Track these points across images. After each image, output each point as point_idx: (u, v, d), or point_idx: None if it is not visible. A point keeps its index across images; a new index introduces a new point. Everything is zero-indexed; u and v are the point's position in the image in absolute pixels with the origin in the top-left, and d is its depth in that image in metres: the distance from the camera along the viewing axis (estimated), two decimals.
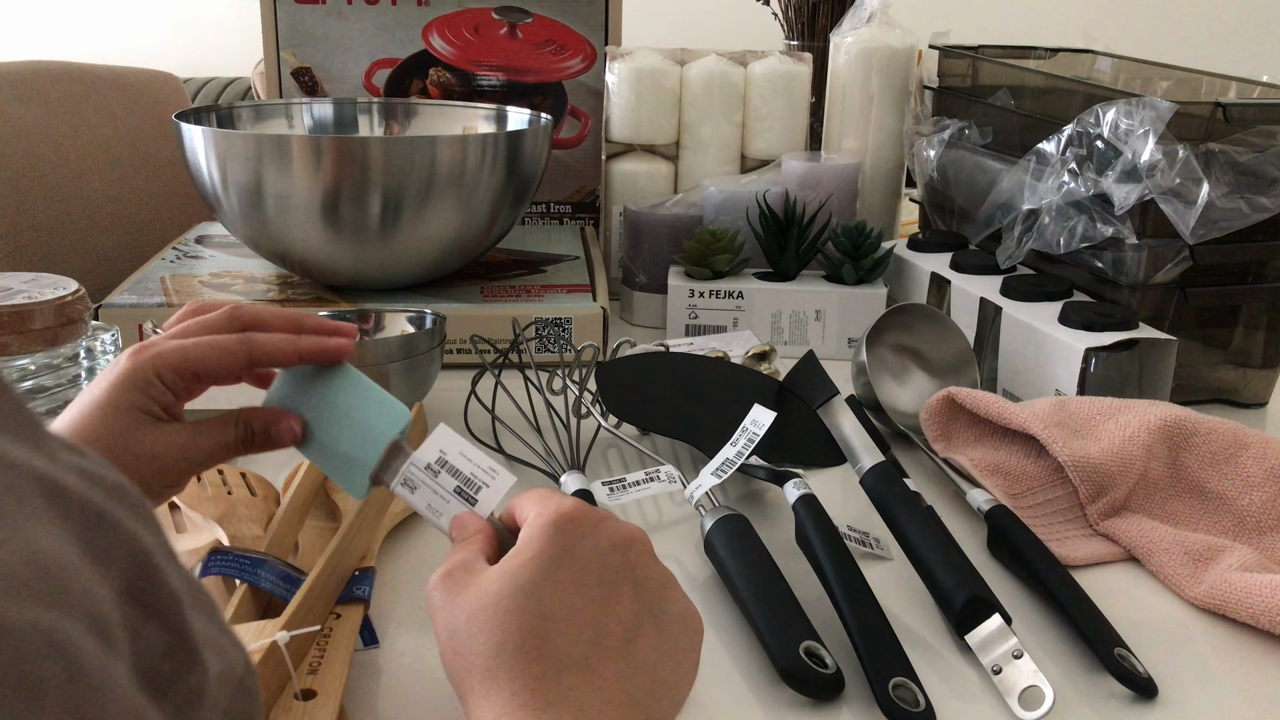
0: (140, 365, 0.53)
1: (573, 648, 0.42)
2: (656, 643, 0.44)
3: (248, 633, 0.49)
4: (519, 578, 0.43)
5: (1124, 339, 0.79)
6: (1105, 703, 0.53)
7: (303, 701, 0.47)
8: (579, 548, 0.44)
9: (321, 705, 0.47)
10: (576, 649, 0.42)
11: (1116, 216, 0.83)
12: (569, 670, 0.41)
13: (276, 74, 1.24)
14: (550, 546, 0.44)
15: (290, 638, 0.48)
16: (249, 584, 0.54)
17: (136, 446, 0.52)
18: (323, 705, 0.47)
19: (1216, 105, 0.83)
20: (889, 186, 1.18)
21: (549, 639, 0.42)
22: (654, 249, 1.06)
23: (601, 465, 0.78)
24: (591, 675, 0.41)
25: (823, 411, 0.78)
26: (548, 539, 0.44)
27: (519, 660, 0.41)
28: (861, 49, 1.13)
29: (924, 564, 0.61)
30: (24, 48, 3.15)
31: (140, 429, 0.52)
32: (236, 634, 0.29)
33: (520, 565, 0.43)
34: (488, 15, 1.23)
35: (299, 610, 0.51)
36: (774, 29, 1.48)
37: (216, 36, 3.14)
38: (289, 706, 0.47)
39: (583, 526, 0.45)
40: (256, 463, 0.74)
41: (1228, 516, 0.68)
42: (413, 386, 0.80)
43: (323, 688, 0.48)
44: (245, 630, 0.49)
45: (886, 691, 0.51)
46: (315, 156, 0.89)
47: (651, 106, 1.13)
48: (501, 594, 0.42)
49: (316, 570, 0.53)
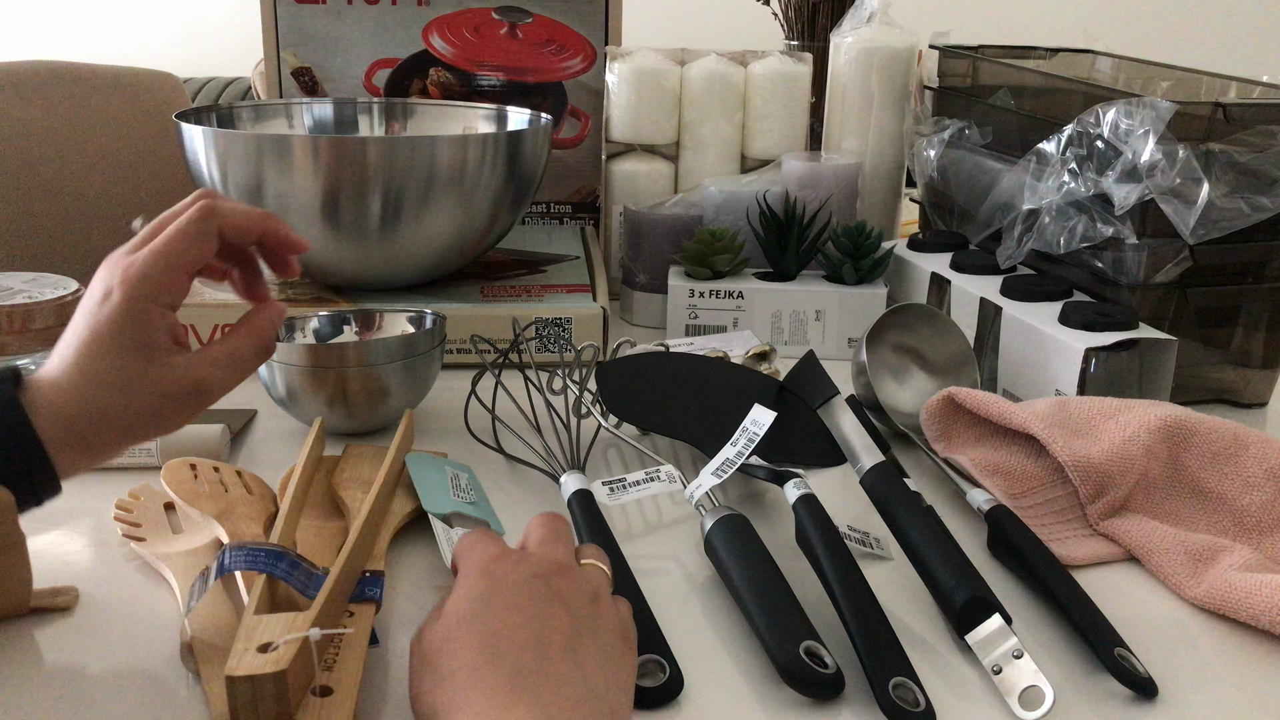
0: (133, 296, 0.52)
1: (522, 656, 0.44)
2: (598, 648, 0.47)
3: (277, 626, 0.49)
4: (460, 610, 0.47)
5: (1124, 339, 0.79)
6: (1105, 703, 0.53)
7: (320, 698, 0.48)
8: (506, 581, 0.48)
9: (339, 702, 0.48)
10: (526, 657, 0.44)
11: (1116, 216, 0.83)
12: (523, 675, 0.44)
13: (276, 74, 1.24)
14: (480, 582, 0.49)
15: (322, 635, 0.48)
16: (269, 576, 0.53)
17: (149, 387, 0.52)
18: (340, 702, 0.48)
19: (1216, 105, 0.83)
20: (889, 186, 1.18)
21: (498, 653, 0.44)
22: (654, 249, 1.06)
23: (601, 465, 0.78)
24: (545, 677, 0.44)
25: (823, 411, 0.78)
26: (477, 576, 0.49)
27: (473, 677, 0.44)
28: (861, 49, 1.13)
29: (924, 564, 0.61)
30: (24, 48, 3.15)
31: (152, 367, 0.52)
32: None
33: (459, 600, 0.48)
34: (488, 15, 1.23)
35: (326, 607, 0.51)
36: (774, 29, 1.48)
37: (216, 36, 3.14)
38: (307, 703, 0.47)
39: (505, 564, 0.50)
40: (254, 463, 0.74)
41: (1228, 516, 0.68)
42: (413, 386, 0.80)
43: (339, 685, 0.49)
44: (275, 623, 0.49)
45: (886, 691, 0.51)
46: (315, 156, 0.89)
47: (651, 106, 1.13)
48: (449, 627, 0.46)
49: (338, 569, 0.53)
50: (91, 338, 0.52)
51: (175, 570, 0.60)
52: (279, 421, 0.81)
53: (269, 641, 0.48)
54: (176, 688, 0.52)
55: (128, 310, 0.52)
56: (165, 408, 0.53)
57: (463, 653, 0.45)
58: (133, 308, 0.52)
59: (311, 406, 0.77)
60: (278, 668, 0.46)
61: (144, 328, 0.52)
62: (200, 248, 0.54)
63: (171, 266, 0.53)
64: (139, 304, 0.52)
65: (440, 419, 0.83)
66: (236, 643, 0.48)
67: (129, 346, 0.52)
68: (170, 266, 0.53)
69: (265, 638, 0.48)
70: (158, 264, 0.53)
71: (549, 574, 0.49)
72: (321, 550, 0.61)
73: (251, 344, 0.57)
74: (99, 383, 0.52)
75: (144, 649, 0.55)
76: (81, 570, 0.62)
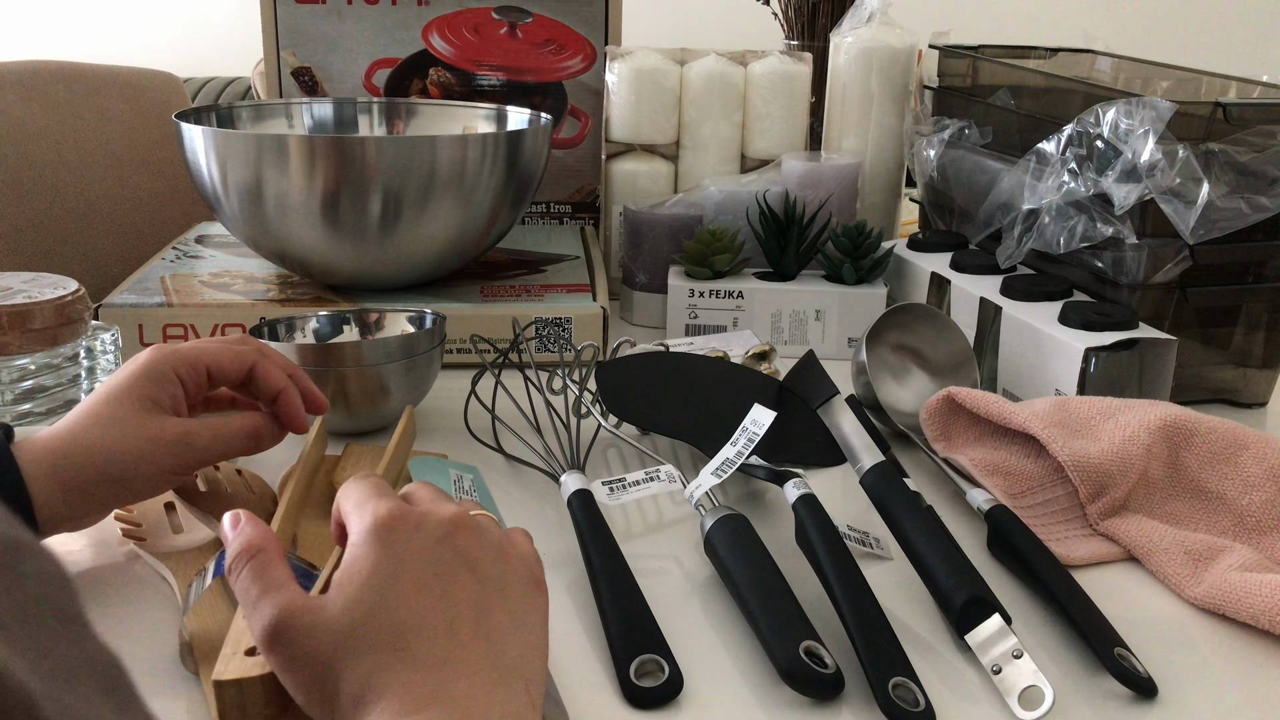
0: (157, 359, 0.60)
1: (433, 648, 0.42)
2: (507, 613, 0.45)
3: None
4: (364, 602, 0.43)
5: (1124, 339, 0.79)
6: (1105, 703, 0.53)
7: None
8: (408, 552, 0.44)
9: None
10: (437, 648, 0.42)
11: (1116, 216, 0.83)
12: (435, 669, 0.42)
13: (276, 74, 1.24)
14: (381, 560, 0.44)
15: None
16: None
17: (143, 430, 0.58)
18: None
19: (1216, 105, 0.83)
20: (889, 186, 1.18)
21: (408, 649, 0.42)
22: (654, 249, 1.06)
23: (601, 465, 0.78)
24: (458, 666, 0.42)
25: (823, 411, 0.78)
26: (376, 554, 0.44)
27: (385, 676, 0.41)
28: (861, 49, 1.13)
29: (924, 564, 0.61)
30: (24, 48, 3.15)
31: (149, 416, 0.58)
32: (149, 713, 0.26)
33: (359, 588, 0.43)
34: (488, 15, 1.23)
35: None
36: (774, 29, 1.48)
37: (216, 36, 3.14)
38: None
39: (403, 531, 0.45)
40: (254, 462, 0.74)
41: (1228, 516, 0.68)
42: (412, 386, 0.80)
43: None
44: None
45: (886, 691, 0.51)
46: (315, 156, 0.89)
47: (651, 106, 1.13)
48: (352, 626, 0.42)
49: (329, 567, 0.53)
50: (110, 387, 0.59)
51: (175, 570, 0.60)
52: None
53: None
54: (176, 688, 0.52)
55: (147, 366, 0.60)
56: (148, 452, 0.58)
57: (372, 652, 0.42)
58: (152, 366, 0.60)
59: None
60: (265, 670, 0.45)
61: (155, 384, 0.59)
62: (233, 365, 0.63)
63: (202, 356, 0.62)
64: (159, 365, 0.60)
65: (440, 419, 0.83)
66: (224, 647, 0.48)
67: (136, 396, 0.58)
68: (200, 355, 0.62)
69: (253, 641, 0.48)
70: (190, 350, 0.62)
71: (451, 534, 0.46)
72: (321, 550, 0.61)
73: (244, 425, 0.63)
74: (96, 419, 0.57)
75: (144, 649, 0.55)
76: (81, 570, 0.62)
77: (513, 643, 0.45)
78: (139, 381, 0.59)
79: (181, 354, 0.61)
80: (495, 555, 0.47)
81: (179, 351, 0.61)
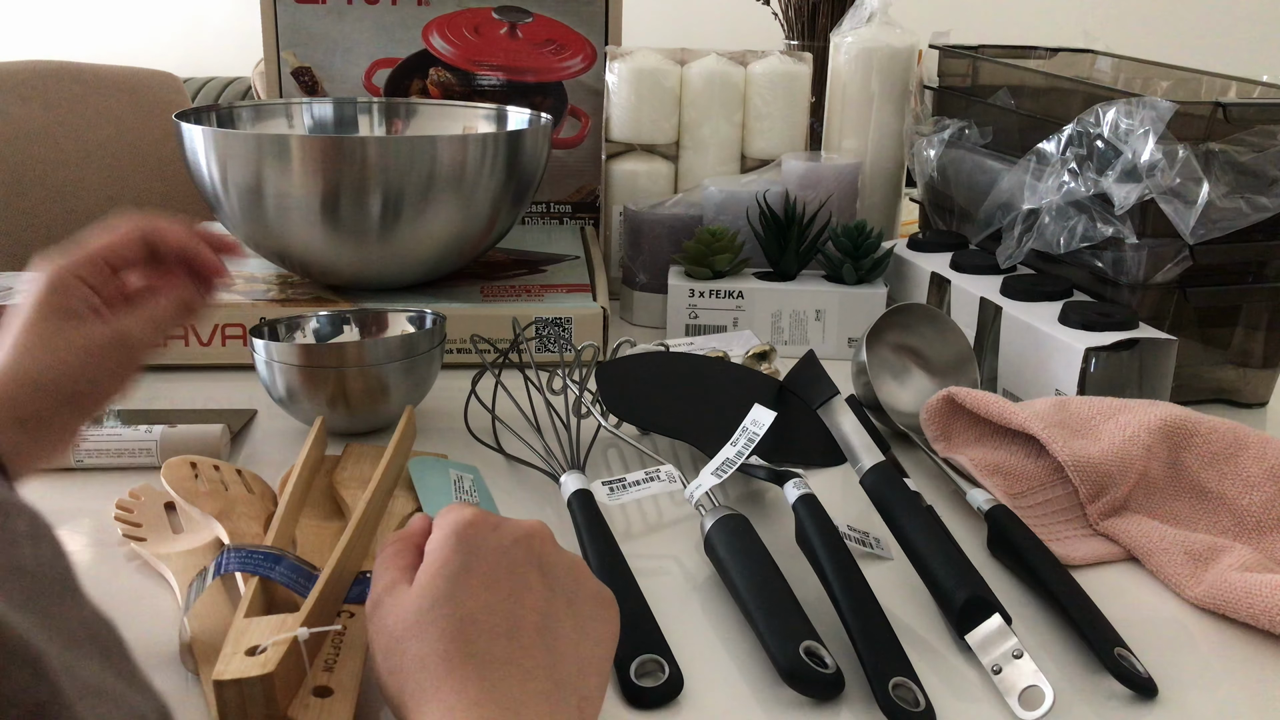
0: (53, 273, 0.57)
1: (493, 645, 0.43)
2: (574, 624, 0.46)
3: (266, 628, 0.49)
4: (435, 589, 0.45)
5: (1124, 339, 0.79)
6: (1105, 703, 0.53)
7: (319, 699, 0.48)
8: (483, 549, 0.47)
9: (338, 702, 0.48)
10: (497, 646, 0.44)
11: (1116, 216, 0.83)
12: (492, 666, 0.43)
13: (276, 74, 1.24)
14: (455, 554, 0.46)
15: (310, 634, 0.48)
16: (260, 579, 0.53)
17: (69, 343, 0.55)
18: (339, 702, 0.48)
19: (1216, 105, 0.83)
20: (889, 186, 1.18)
21: (470, 641, 0.43)
22: (654, 249, 1.06)
23: (601, 465, 0.78)
24: (515, 668, 0.43)
25: (823, 411, 0.78)
26: (451, 547, 0.47)
27: (444, 667, 0.43)
28: (861, 49, 1.13)
29: (924, 564, 0.61)
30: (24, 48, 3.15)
31: (74, 328, 0.56)
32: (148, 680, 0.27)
33: (432, 577, 0.46)
34: (488, 15, 1.23)
35: (316, 607, 0.51)
36: (774, 29, 1.48)
37: (216, 36, 3.14)
38: (306, 703, 0.47)
39: (483, 530, 0.48)
40: (254, 463, 0.74)
41: (1228, 516, 0.68)
42: (413, 386, 0.80)
43: (339, 685, 0.48)
44: (264, 625, 0.49)
45: (886, 691, 0.51)
46: (315, 156, 0.89)
47: (651, 106, 1.13)
48: (421, 609, 0.45)
49: (330, 568, 0.53)
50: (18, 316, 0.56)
51: (175, 570, 0.60)
52: (279, 421, 0.81)
53: (257, 644, 0.47)
54: (176, 688, 0.52)
55: (48, 282, 0.56)
56: (91, 363, 0.55)
57: (435, 639, 0.43)
58: (53, 280, 0.56)
59: (311, 406, 0.77)
60: (264, 670, 0.46)
61: (62, 295, 0.56)
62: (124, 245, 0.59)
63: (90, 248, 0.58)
64: (59, 276, 0.56)
65: (440, 419, 0.83)
66: (225, 646, 0.48)
67: (48, 313, 0.55)
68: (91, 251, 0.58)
69: (253, 640, 0.48)
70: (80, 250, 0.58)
71: (528, 537, 0.48)
72: (321, 550, 0.61)
73: (170, 300, 0.60)
74: (25, 350, 0.55)
75: (144, 649, 0.55)
76: (81, 570, 0.62)
77: (573, 656, 0.45)
78: (47, 298, 0.56)
79: (73, 257, 0.57)
80: (570, 567, 0.48)
81: (69, 256, 0.57)
